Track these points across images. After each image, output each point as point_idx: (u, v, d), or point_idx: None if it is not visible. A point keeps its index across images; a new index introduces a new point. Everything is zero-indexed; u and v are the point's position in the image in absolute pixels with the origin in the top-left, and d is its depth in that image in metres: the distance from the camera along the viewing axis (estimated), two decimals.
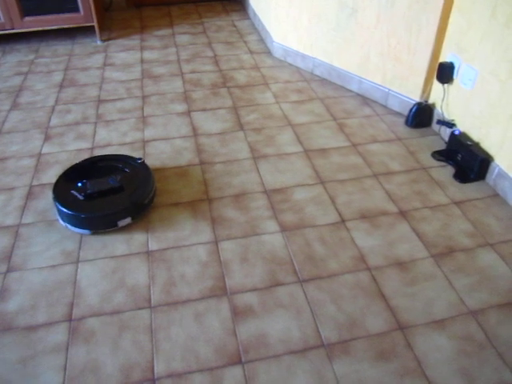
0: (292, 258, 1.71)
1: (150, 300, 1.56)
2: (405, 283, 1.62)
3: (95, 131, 2.42)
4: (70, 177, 1.93)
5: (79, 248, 1.75)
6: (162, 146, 2.30)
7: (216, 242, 1.77)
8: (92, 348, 1.42)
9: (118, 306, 1.54)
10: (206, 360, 1.39)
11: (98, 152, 2.25)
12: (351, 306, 1.54)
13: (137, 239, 1.78)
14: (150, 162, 2.17)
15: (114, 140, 2.35)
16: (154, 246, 1.76)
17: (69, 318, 1.51)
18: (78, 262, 1.70)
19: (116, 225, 1.80)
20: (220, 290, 1.59)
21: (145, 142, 2.32)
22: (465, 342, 1.44)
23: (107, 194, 1.84)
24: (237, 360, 1.38)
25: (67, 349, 1.42)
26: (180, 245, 1.76)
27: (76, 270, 1.67)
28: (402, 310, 1.53)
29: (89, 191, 1.83)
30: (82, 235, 1.80)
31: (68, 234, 1.80)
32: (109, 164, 2.00)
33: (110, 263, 1.69)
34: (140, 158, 1.94)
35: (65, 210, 1.76)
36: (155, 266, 1.68)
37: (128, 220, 1.81)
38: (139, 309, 1.53)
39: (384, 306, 1.54)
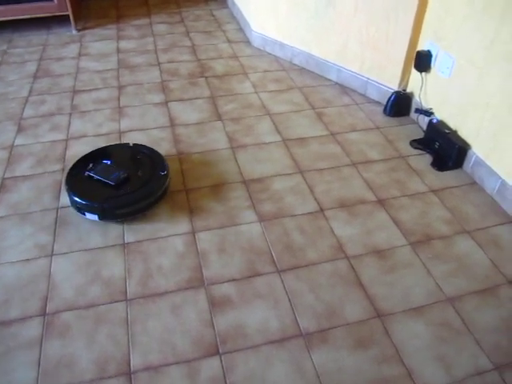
0: (270, 248, 1.69)
1: (125, 293, 1.53)
2: (383, 271, 1.62)
3: (70, 122, 2.37)
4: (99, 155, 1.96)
5: (53, 241, 1.71)
6: (138, 136, 2.26)
7: (193, 233, 1.75)
8: (67, 342, 1.39)
9: (93, 300, 1.51)
10: (183, 352, 1.37)
11: (72, 144, 2.21)
12: (329, 295, 1.53)
13: (112, 231, 1.75)
14: None
15: (89, 131, 2.30)
16: (130, 237, 1.73)
17: (43, 313, 1.47)
18: (52, 255, 1.66)
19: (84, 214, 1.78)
20: (197, 282, 1.57)
21: (121, 133, 2.28)
22: (442, 328, 1.45)
23: (104, 184, 1.81)
24: (214, 351, 1.37)
25: (41, 343, 1.39)
26: (157, 236, 1.73)
27: (50, 264, 1.63)
28: (380, 298, 1.53)
29: (91, 173, 1.82)
30: (55, 228, 1.76)
31: (42, 227, 1.76)
32: (142, 159, 1.95)
33: (85, 256, 1.66)
34: (164, 171, 1.88)
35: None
36: (131, 259, 1.65)
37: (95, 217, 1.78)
38: (115, 302, 1.51)
39: (362, 294, 1.54)
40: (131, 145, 2.04)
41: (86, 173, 1.84)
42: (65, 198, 1.89)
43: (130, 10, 3.77)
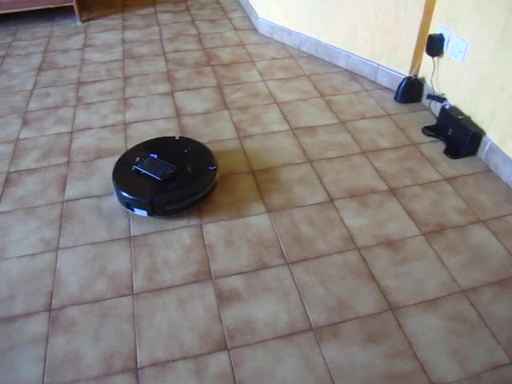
0: (279, 240, 1.65)
1: (132, 287, 1.51)
2: (395, 263, 1.57)
3: (75, 114, 2.34)
4: (152, 146, 1.93)
5: (59, 235, 1.69)
6: (144, 127, 2.22)
7: (200, 225, 1.71)
8: (72, 338, 1.37)
9: (99, 294, 1.49)
10: (191, 347, 1.34)
11: (77, 136, 2.18)
12: (340, 288, 1.49)
13: (118, 225, 1.72)
14: (133, 144, 2.10)
15: (94, 123, 2.27)
16: (136, 231, 1.70)
17: (48, 308, 1.45)
18: (57, 249, 1.64)
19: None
20: (204, 275, 1.54)
21: (126, 124, 2.24)
22: (457, 321, 1.40)
23: (150, 179, 1.77)
24: (222, 346, 1.34)
25: (47, 339, 1.37)
26: (163, 229, 1.70)
27: (56, 258, 1.61)
28: (393, 291, 1.49)
29: (138, 166, 1.79)
30: (61, 222, 1.74)
31: (47, 221, 1.74)
32: (189, 153, 1.91)
33: (91, 250, 1.63)
34: (214, 166, 1.83)
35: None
36: (137, 252, 1.62)
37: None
38: (121, 296, 1.48)
39: (374, 286, 1.50)
40: (177, 138, 2.00)
41: (134, 167, 1.80)
42: (70, 192, 1.86)
43: None
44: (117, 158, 2.03)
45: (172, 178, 1.77)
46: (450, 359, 1.30)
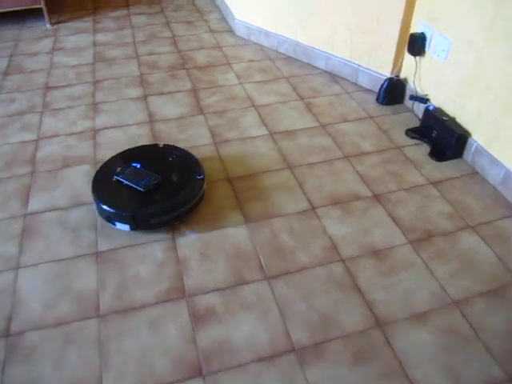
0: (258, 252, 1.55)
1: (98, 308, 1.38)
2: (382, 273, 1.48)
3: (41, 121, 2.20)
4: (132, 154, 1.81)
5: (20, 252, 1.56)
6: (114, 134, 2.10)
7: (173, 238, 1.60)
8: (32, 367, 1.24)
9: (62, 317, 1.36)
10: (162, 374, 1.22)
11: (43, 144, 2.04)
12: (324, 303, 1.39)
13: (85, 239, 1.60)
14: (103, 151, 1.98)
15: (61, 130, 2.13)
16: (103, 245, 1.57)
17: (6, 334, 1.32)
18: (17, 267, 1.51)
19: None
20: (178, 293, 1.42)
21: (96, 131, 2.12)
22: (448, 336, 1.31)
23: (133, 190, 1.64)
24: (197, 372, 1.22)
25: (3, 369, 1.24)
26: (133, 243, 1.58)
27: (15, 277, 1.48)
28: (380, 304, 1.39)
29: (119, 177, 1.66)
30: (22, 238, 1.60)
31: (7, 237, 1.60)
32: (174, 162, 1.79)
33: (55, 267, 1.50)
34: (201, 175, 1.71)
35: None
36: (105, 269, 1.50)
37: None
38: (86, 319, 1.36)
39: (360, 300, 1.40)
40: (161, 146, 1.87)
41: (115, 177, 1.67)
42: (34, 204, 1.73)
43: (107, 1, 3.58)
44: (84, 166, 1.91)
45: (156, 189, 1.64)
46: (443, 377, 1.21)
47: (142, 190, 1.62)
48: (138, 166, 1.73)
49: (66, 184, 1.83)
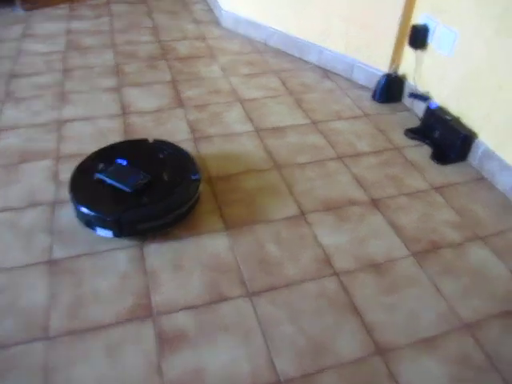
0: (239, 264, 1.34)
1: (47, 328, 1.16)
2: (382, 291, 1.28)
3: (1, 111, 1.97)
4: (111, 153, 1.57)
5: None
6: (81, 127, 1.88)
7: (141, 246, 1.38)
8: None
9: (3, 339, 1.14)
10: None
11: (0, 136, 1.82)
12: (315, 325, 1.19)
13: (38, 245, 1.37)
14: (68, 146, 1.76)
15: (22, 121, 1.91)
16: (58, 253, 1.35)
17: None
18: None
19: None
20: (143, 311, 1.21)
21: (61, 123, 1.89)
22: (460, 365, 1.12)
23: (119, 191, 1.42)
24: None
25: None
26: (93, 251, 1.36)
27: None
28: (381, 327, 1.19)
29: (102, 175, 1.44)
30: None
31: None
32: (166, 159, 1.58)
33: (0, 279, 1.28)
34: (196, 175, 1.51)
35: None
36: (59, 281, 1.27)
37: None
38: (32, 341, 1.13)
39: (357, 322, 1.20)
40: (151, 141, 1.66)
41: (97, 176, 1.45)
42: None
43: None
44: (45, 162, 1.69)
45: (145, 190, 1.43)
46: None
47: (128, 190, 1.40)
48: (125, 162, 1.51)
49: (22, 181, 1.60)
